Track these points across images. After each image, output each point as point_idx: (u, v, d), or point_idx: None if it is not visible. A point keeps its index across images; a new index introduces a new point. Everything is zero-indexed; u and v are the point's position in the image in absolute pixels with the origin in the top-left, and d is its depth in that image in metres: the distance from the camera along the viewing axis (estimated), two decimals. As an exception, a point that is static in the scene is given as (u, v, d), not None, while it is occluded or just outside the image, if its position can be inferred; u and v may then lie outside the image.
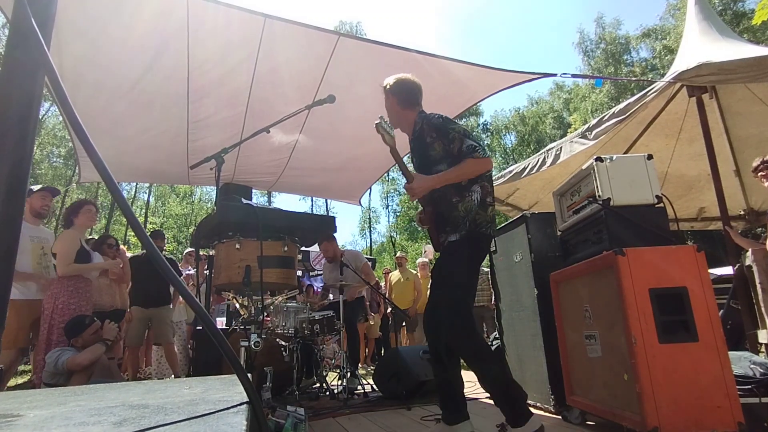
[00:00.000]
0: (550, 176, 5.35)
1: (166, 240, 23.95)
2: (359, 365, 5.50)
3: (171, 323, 4.63)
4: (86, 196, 21.25)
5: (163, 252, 7.84)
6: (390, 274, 7.65)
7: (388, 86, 2.32)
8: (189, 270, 5.74)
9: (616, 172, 2.15)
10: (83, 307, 3.36)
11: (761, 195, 5.57)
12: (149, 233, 6.12)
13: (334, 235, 4.91)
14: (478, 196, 2.10)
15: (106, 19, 3.14)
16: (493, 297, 3.51)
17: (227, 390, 0.98)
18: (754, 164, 3.33)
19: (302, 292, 7.05)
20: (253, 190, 4.51)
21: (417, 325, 6.44)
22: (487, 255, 3.24)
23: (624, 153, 5.05)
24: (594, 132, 4.00)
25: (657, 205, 2.14)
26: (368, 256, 11.19)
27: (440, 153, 2.13)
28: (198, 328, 4.48)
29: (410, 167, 2.22)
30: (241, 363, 2.49)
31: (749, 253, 3.33)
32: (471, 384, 3.90)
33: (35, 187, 3.50)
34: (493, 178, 5.83)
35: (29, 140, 0.60)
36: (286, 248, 2.76)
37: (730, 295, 3.60)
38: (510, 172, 5.34)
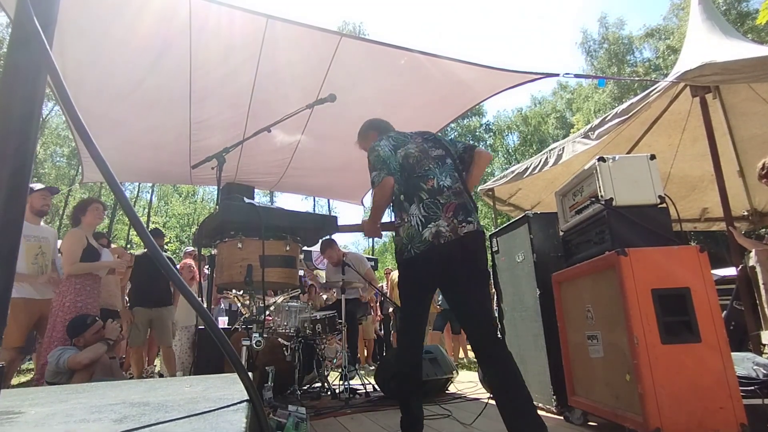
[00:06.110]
0: (553, 176, 5.35)
1: (168, 240, 23.91)
2: (359, 365, 5.51)
3: (172, 325, 4.63)
4: (89, 195, 21.33)
5: (164, 251, 7.86)
6: (391, 274, 7.66)
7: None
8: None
9: (619, 173, 2.14)
10: (90, 305, 3.34)
11: (765, 196, 5.55)
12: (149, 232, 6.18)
13: (333, 238, 4.92)
14: None
15: (108, 19, 3.14)
16: (495, 297, 3.51)
17: (228, 388, 0.98)
18: (763, 165, 3.28)
19: (304, 292, 7.05)
20: (256, 190, 4.52)
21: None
22: (490, 254, 3.25)
23: (627, 153, 5.04)
24: (597, 132, 3.99)
25: (660, 206, 2.13)
26: (370, 256, 11.19)
27: None
28: (200, 327, 4.50)
29: None
30: (243, 362, 2.50)
31: (753, 254, 3.30)
32: (472, 384, 3.91)
33: (36, 186, 3.49)
34: (496, 178, 5.86)
35: (32, 140, 0.60)
36: (288, 247, 2.76)
37: (733, 295, 3.58)
38: (512, 172, 5.33)
